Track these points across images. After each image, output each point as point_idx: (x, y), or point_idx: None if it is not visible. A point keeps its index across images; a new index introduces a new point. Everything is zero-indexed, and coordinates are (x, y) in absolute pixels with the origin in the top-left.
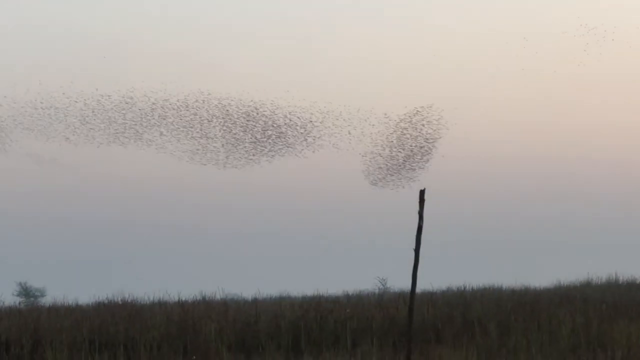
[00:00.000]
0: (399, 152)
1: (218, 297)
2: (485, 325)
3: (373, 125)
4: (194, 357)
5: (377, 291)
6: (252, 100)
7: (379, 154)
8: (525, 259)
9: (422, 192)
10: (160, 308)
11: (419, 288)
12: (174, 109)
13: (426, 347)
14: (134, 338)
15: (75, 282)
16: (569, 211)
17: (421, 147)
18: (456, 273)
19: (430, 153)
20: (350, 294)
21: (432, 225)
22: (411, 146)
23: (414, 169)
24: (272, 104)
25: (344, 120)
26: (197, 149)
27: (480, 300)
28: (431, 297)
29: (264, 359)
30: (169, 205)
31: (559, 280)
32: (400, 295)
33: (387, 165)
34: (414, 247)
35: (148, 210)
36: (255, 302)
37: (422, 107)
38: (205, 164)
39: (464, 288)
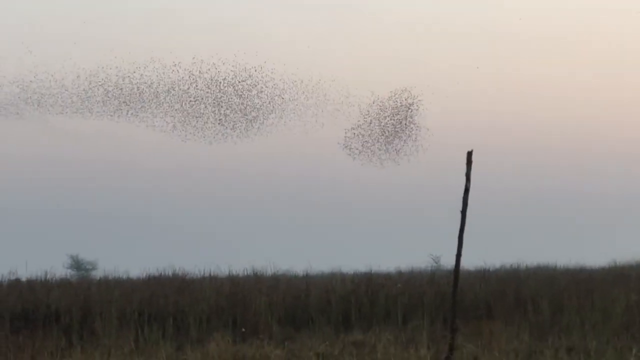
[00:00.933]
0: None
1: (269, 272)
2: (538, 302)
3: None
4: (243, 329)
5: (429, 269)
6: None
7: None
8: (580, 238)
9: (469, 154)
10: (211, 281)
11: (472, 265)
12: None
13: (477, 323)
14: (183, 310)
15: (126, 256)
16: (628, 188)
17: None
18: (510, 251)
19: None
20: (402, 270)
21: (486, 200)
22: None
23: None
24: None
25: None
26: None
27: (534, 277)
28: (484, 274)
29: (313, 332)
30: (220, 179)
31: (614, 260)
32: (453, 272)
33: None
34: (460, 209)
35: (200, 183)
36: (306, 277)
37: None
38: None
39: (518, 266)
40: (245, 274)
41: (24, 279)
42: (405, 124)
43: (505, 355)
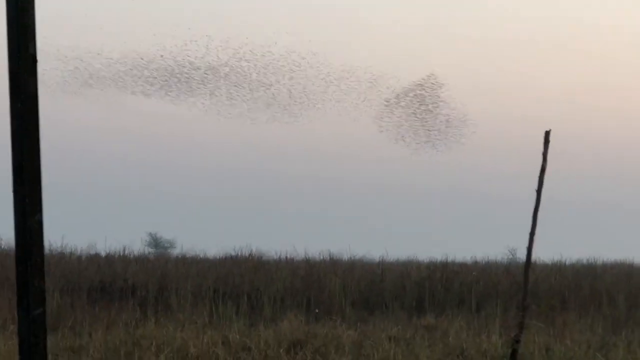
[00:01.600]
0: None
1: (345, 256)
2: (614, 297)
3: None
4: (317, 310)
5: (505, 260)
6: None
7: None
8: None
9: (547, 133)
10: (287, 263)
11: (548, 258)
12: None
13: (551, 313)
14: (258, 289)
15: (205, 235)
16: None
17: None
18: (587, 246)
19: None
20: (478, 260)
21: (564, 193)
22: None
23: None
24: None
25: None
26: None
27: (610, 272)
28: (559, 267)
29: (386, 316)
30: (302, 162)
31: None
32: (532, 263)
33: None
34: (536, 188)
35: (283, 166)
36: (381, 263)
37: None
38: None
39: (594, 260)
40: (321, 257)
41: (103, 253)
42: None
43: (578, 345)
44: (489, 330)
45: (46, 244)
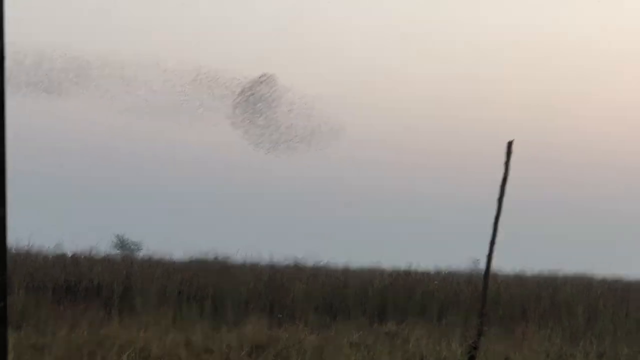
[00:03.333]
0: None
1: (309, 262)
2: (573, 308)
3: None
4: (280, 315)
5: (469, 270)
6: None
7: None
8: (621, 247)
9: (509, 143)
10: (251, 267)
11: (510, 270)
12: None
13: (511, 323)
14: (222, 293)
15: (172, 238)
16: None
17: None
18: (548, 258)
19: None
20: (441, 269)
21: (527, 206)
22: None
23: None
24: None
25: None
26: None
27: (571, 284)
28: (520, 278)
29: (349, 322)
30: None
31: None
32: (494, 273)
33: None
34: (497, 197)
35: (249, 170)
36: (345, 270)
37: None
38: None
39: (555, 273)
40: (286, 263)
41: (69, 253)
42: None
43: (536, 355)
44: (449, 339)
45: (12, 242)
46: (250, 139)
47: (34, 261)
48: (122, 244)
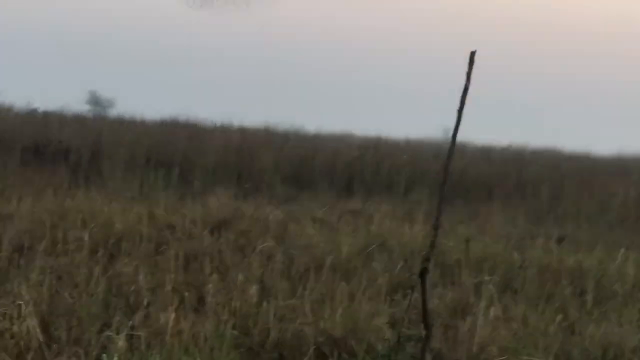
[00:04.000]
0: None
1: (280, 128)
2: (539, 187)
3: None
4: (247, 185)
5: (439, 140)
6: None
7: None
8: (593, 123)
9: (472, 54)
10: (222, 132)
11: (481, 141)
12: None
13: (476, 204)
14: (190, 160)
15: (145, 96)
16: None
17: None
18: (521, 128)
19: None
20: (411, 139)
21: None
22: None
23: None
24: None
25: None
26: None
27: (539, 161)
28: (489, 154)
29: (315, 196)
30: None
31: (621, 150)
32: (462, 147)
33: None
34: (457, 107)
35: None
36: (315, 137)
37: None
38: None
39: (524, 147)
40: (256, 128)
41: (40, 110)
42: None
43: (497, 239)
44: (413, 219)
45: None
46: None
47: (3, 119)
48: (95, 100)
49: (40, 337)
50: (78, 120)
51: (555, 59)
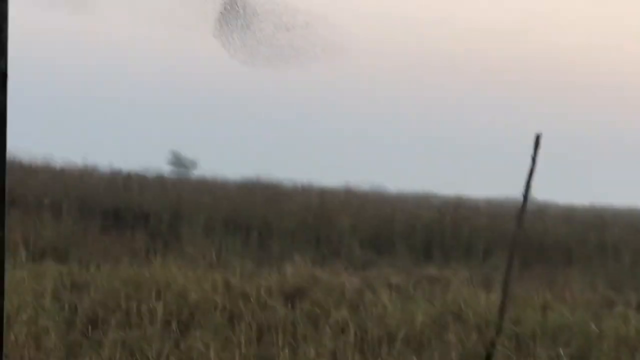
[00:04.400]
0: None
1: (361, 188)
2: (619, 250)
3: None
4: (325, 251)
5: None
6: None
7: None
8: None
9: (537, 137)
10: (301, 195)
11: (562, 200)
12: None
13: (555, 268)
14: (269, 223)
15: (228, 156)
16: None
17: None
18: (602, 187)
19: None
20: (491, 199)
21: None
22: None
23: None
24: None
25: None
26: None
27: (619, 222)
28: (570, 215)
29: (393, 259)
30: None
31: None
32: (543, 208)
33: None
34: (522, 192)
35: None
36: (397, 195)
37: None
38: None
39: (604, 207)
40: (336, 188)
41: (124, 170)
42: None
43: (575, 307)
44: (490, 285)
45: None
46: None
47: (86, 183)
48: (178, 160)
49: None
50: (159, 182)
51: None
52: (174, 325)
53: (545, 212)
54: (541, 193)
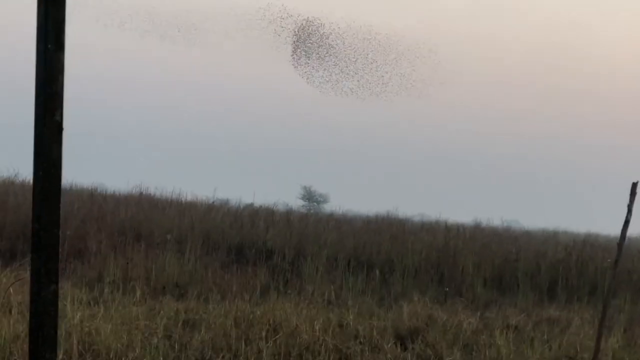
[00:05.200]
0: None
1: (493, 223)
2: None
3: None
4: (447, 289)
5: None
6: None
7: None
8: None
9: (634, 185)
10: (427, 232)
11: None
12: None
13: None
14: (392, 261)
15: (359, 191)
16: None
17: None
18: None
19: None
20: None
21: None
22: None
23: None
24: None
25: None
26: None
27: None
28: None
29: (516, 298)
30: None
31: None
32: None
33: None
34: (618, 241)
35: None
36: (525, 233)
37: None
38: None
39: None
40: (463, 225)
41: (254, 205)
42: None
43: None
44: (610, 327)
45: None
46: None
47: (212, 217)
48: (309, 195)
49: None
50: (285, 218)
51: None
52: None
53: None
54: None
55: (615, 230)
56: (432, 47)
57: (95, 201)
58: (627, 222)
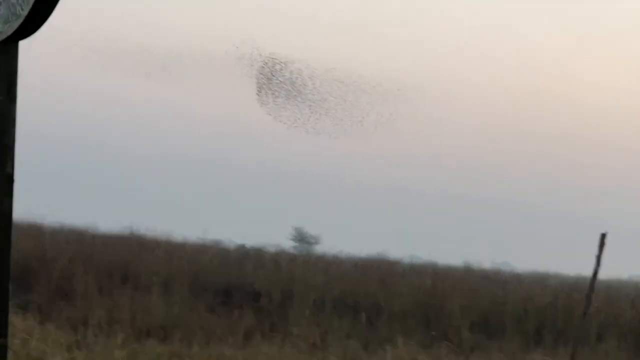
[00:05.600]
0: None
1: (483, 265)
2: None
3: None
4: (433, 333)
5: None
6: None
7: None
8: None
9: (603, 236)
10: (415, 274)
11: None
12: None
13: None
14: (379, 304)
15: (352, 231)
16: None
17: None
18: None
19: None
20: (610, 280)
21: None
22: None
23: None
24: None
25: None
26: None
27: None
28: None
29: (503, 342)
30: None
31: None
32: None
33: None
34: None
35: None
36: (515, 277)
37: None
38: None
39: None
40: (450, 267)
41: (246, 245)
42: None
43: None
44: None
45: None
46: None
47: (200, 259)
48: (300, 237)
49: None
50: (274, 259)
51: None
52: None
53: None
54: None
55: (605, 274)
56: (419, 88)
57: (84, 241)
58: (595, 274)
